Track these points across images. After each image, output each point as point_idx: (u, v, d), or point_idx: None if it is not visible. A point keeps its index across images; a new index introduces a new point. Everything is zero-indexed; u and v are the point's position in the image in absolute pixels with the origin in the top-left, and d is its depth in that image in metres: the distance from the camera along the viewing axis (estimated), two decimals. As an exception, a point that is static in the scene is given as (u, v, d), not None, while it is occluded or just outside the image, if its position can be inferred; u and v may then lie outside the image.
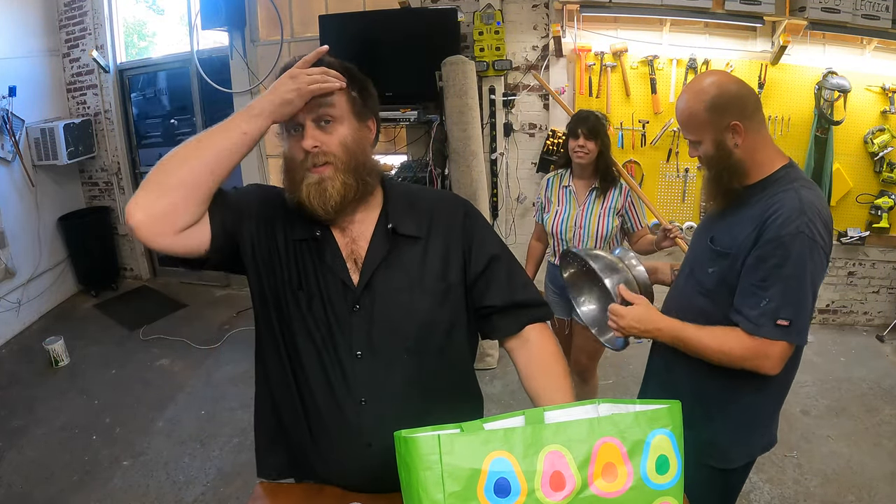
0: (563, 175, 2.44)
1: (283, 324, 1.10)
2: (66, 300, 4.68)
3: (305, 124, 1.03)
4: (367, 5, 3.96)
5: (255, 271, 1.11)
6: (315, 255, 1.08)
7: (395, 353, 1.07)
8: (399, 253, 1.10)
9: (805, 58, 3.44)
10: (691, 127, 1.32)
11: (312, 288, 1.08)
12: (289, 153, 1.06)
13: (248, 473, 2.60)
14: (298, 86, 0.99)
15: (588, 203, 2.36)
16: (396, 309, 1.08)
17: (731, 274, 1.29)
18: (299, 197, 1.03)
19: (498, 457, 0.81)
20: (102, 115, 4.64)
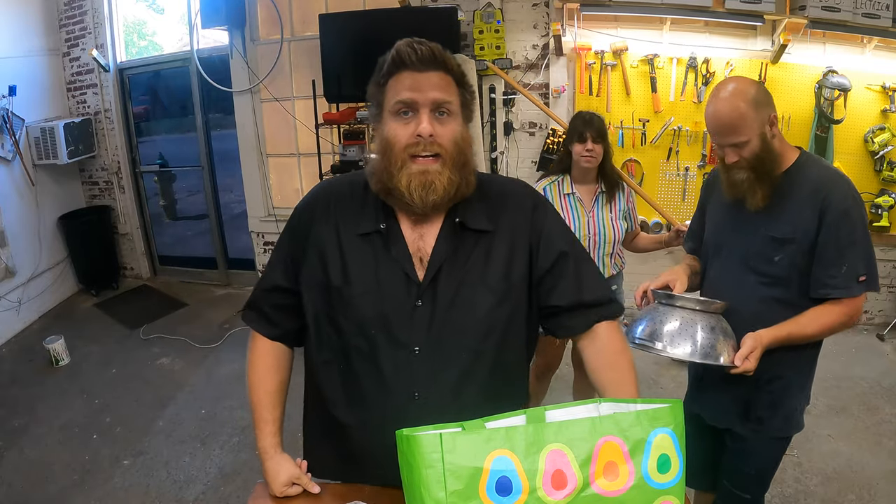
0: (560, 182, 2.28)
1: (335, 319, 1.09)
2: (66, 299, 4.67)
3: (421, 110, 0.98)
4: (367, 4, 3.96)
5: (309, 273, 1.11)
6: (380, 248, 1.06)
7: (452, 351, 1.05)
8: (465, 248, 1.07)
9: (805, 56, 3.44)
10: (742, 127, 1.34)
11: (372, 282, 1.06)
12: (391, 135, 0.99)
13: (248, 472, 2.60)
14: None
15: (597, 209, 2.26)
16: (459, 307, 1.05)
17: (799, 256, 1.39)
18: (396, 184, 1.00)
19: (499, 455, 0.81)
20: (102, 115, 4.64)
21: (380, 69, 1.02)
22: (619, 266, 2.33)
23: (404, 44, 0.99)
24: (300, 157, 4.40)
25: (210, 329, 4.07)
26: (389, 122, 1.00)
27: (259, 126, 4.34)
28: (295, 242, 1.13)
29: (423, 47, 0.98)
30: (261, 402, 1.20)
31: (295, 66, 4.17)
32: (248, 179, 4.48)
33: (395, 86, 1.00)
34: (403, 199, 1.01)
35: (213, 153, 4.76)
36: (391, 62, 1.00)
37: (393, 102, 0.99)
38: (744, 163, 1.38)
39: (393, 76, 1.00)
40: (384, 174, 1.01)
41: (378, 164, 1.03)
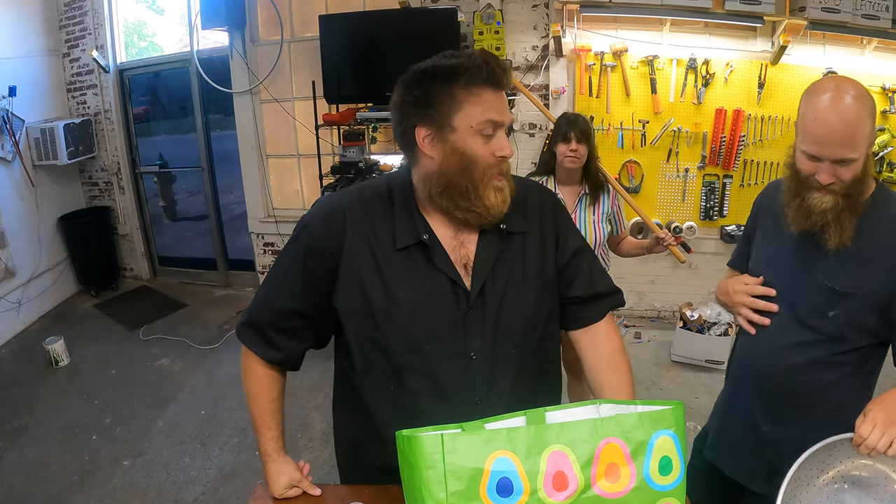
0: (544, 183, 2.26)
1: (384, 343, 1.06)
2: (66, 300, 4.67)
3: (501, 131, 1.00)
4: (367, 5, 3.96)
5: (345, 298, 1.07)
6: (422, 260, 1.05)
7: (505, 351, 1.07)
8: (505, 250, 1.09)
9: (805, 58, 3.44)
10: (858, 141, 1.09)
11: (420, 296, 1.04)
12: (476, 150, 0.99)
13: (248, 473, 2.60)
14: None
15: (579, 211, 2.25)
16: (507, 307, 1.07)
17: (861, 314, 1.14)
18: (479, 200, 1.01)
19: (501, 456, 0.81)
20: (102, 115, 4.64)
21: (451, 73, 0.98)
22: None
23: (488, 59, 0.98)
24: (300, 158, 4.40)
25: (210, 330, 4.07)
26: (471, 138, 0.99)
27: (259, 127, 4.34)
28: (317, 263, 1.05)
29: (501, 69, 0.98)
30: (263, 409, 1.15)
31: (295, 67, 4.17)
32: (248, 180, 4.48)
33: (476, 101, 0.98)
34: (483, 214, 1.02)
35: (212, 154, 4.76)
36: (472, 74, 0.97)
37: (480, 121, 0.98)
38: (838, 186, 1.11)
39: (471, 89, 0.97)
40: (463, 189, 1.00)
41: (452, 177, 1.00)
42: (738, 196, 3.72)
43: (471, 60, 0.97)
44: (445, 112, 0.98)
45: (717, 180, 3.70)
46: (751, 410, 1.36)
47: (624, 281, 3.95)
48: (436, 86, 0.98)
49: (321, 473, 2.56)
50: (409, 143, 1.03)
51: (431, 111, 0.99)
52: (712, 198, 3.74)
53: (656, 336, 3.82)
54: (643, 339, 3.80)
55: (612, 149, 3.70)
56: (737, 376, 1.43)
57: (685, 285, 3.94)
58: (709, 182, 3.71)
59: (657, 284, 3.97)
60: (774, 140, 3.58)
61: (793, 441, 1.24)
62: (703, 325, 3.42)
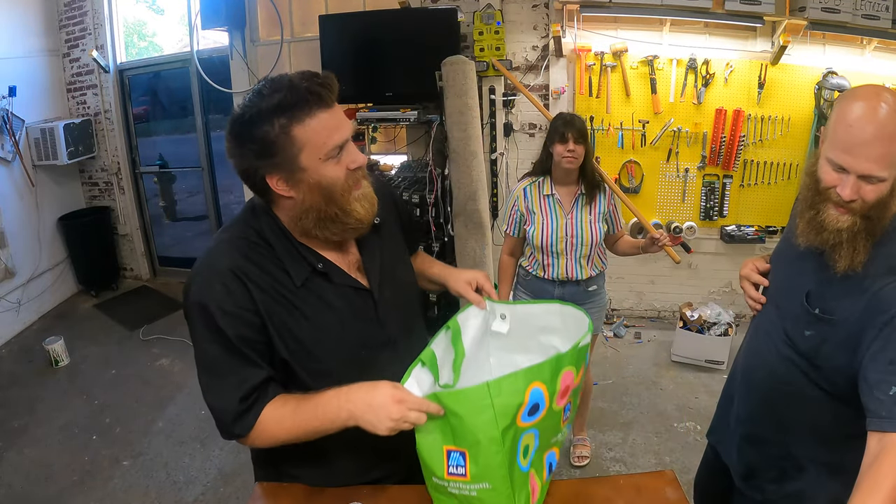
0: (541, 183, 2.28)
1: (319, 367, 1.09)
2: (66, 300, 4.68)
3: (349, 145, 1.02)
4: (367, 5, 3.96)
5: (283, 346, 1.07)
6: (324, 283, 1.08)
7: (411, 320, 1.24)
8: (381, 239, 1.19)
9: (805, 58, 3.44)
10: (893, 159, 0.97)
11: (337, 314, 1.09)
12: (331, 176, 1.00)
13: (247, 473, 2.60)
14: (392, 424, 0.96)
15: (576, 211, 2.25)
16: (399, 285, 1.21)
17: (834, 343, 1.06)
18: (351, 213, 1.04)
19: (535, 387, 0.97)
20: (102, 115, 4.65)
21: (277, 115, 0.94)
22: (598, 268, 2.33)
23: (309, 84, 0.95)
24: (300, 158, 4.40)
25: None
26: (323, 167, 0.99)
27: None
28: (246, 329, 1.02)
29: (324, 86, 0.97)
30: (302, 407, 1.05)
31: (295, 68, 4.17)
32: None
33: (314, 131, 0.96)
34: (357, 226, 1.06)
35: (212, 154, 4.76)
36: (301, 107, 0.95)
37: (327, 149, 0.98)
38: (859, 205, 1.01)
39: (304, 122, 0.95)
40: (332, 215, 1.03)
41: (318, 209, 1.02)
42: (737, 196, 3.73)
43: (293, 92, 0.94)
44: (290, 155, 0.97)
45: (717, 180, 3.70)
46: (740, 404, 1.37)
47: (624, 281, 3.97)
48: (270, 132, 0.95)
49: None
50: (263, 190, 1.03)
51: (276, 159, 0.97)
52: (712, 198, 3.74)
53: (656, 336, 3.83)
54: (643, 339, 3.80)
55: (612, 149, 3.70)
56: (735, 365, 1.45)
57: (685, 285, 3.94)
58: (709, 182, 3.71)
59: (657, 284, 3.97)
60: (774, 140, 3.58)
61: (772, 446, 1.25)
62: (703, 325, 3.43)
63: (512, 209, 2.33)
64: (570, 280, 2.28)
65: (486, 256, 3.40)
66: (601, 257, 2.33)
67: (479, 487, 0.97)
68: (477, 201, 3.34)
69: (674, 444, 2.76)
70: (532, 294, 2.39)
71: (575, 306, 1.20)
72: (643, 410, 3.02)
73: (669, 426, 2.88)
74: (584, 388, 2.61)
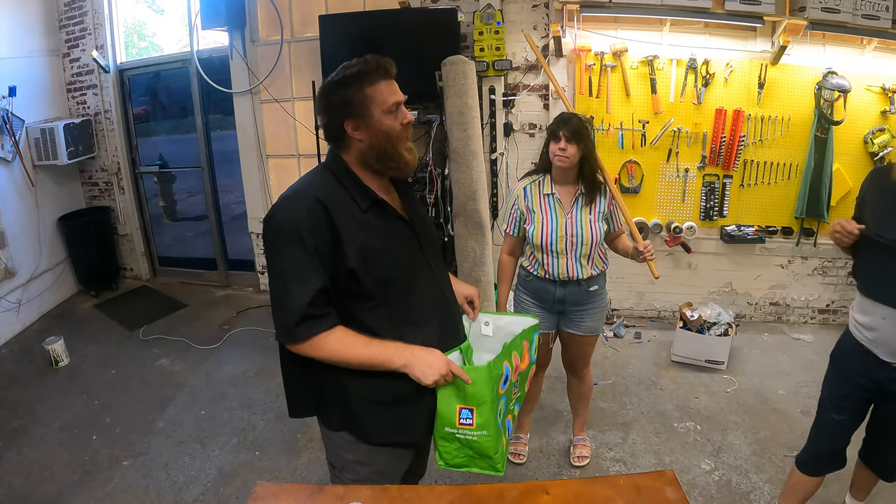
0: (541, 182, 2.27)
1: (383, 273, 1.37)
2: (66, 300, 4.68)
3: (402, 106, 1.36)
4: (367, 5, 3.96)
5: (358, 257, 1.33)
6: (381, 211, 1.40)
7: (440, 255, 1.58)
8: (411, 191, 1.57)
9: (805, 58, 3.45)
10: None
11: (393, 235, 1.41)
12: (391, 127, 1.35)
13: (247, 473, 2.60)
14: (437, 377, 1.34)
15: (575, 210, 2.23)
16: (429, 228, 1.59)
17: None
18: (400, 159, 1.38)
19: (505, 364, 1.49)
20: (102, 115, 4.65)
21: (361, 75, 1.32)
22: (599, 267, 2.32)
23: (379, 60, 1.35)
24: (300, 158, 4.40)
25: (210, 330, 4.07)
26: (384, 118, 1.34)
27: (259, 127, 4.34)
28: (320, 244, 1.29)
29: (389, 64, 1.37)
30: (373, 343, 1.35)
31: (295, 67, 4.17)
32: (248, 180, 4.48)
33: (380, 92, 1.34)
34: (404, 168, 1.40)
35: (212, 154, 4.76)
36: (373, 75, 1.33)
37: (389, 104, 1.34)
38: None
39: (376, 85, 1.33)
40: (390, 153, 1.37)
41: (386, 151, 1.36)
42: (737, 196, 3.73)
43: (368, 65, 1.33)
44: (363, 105, 1.33)
45: (717, 180, 3.70)
46: None
47: (624, 281, 3.98)
48: (350, 90, 1.32)
49: (320, 473, 2.56)
50: (340, 135, 1.37)
51: (352, 108, 1.33)
52: (712, 198, 3.74)
53: (656, 336, 3.83)
54: (643, 339, 3.80)
55: (612, 149, 3.70)
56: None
57: (685, 285, 3.95)
58: (709, 182, 3.71)
59: (657, 284, 3.96)
60: (774, 140, 3.58)
61: None
62: (703, 326, 3.43)
63: (512, 208, 2.32)
64: (571, 280, 2.28)
65: (486, 256, 3.40)
66: (602, 257, 2.33)
67: (480, 434, 1.38)
68: (477, 201, 3.34)
69: (674, 444, 2.76)
70: (532, 294, 2.38)
71: (532, 316, 1.73)
72: (643, 410, 3.02)
73: (669, 426, 2.88)
74: (585, 389, 2.62)
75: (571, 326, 2.39)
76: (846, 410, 1.90)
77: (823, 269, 3.86)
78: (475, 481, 1.44)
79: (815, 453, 2.03)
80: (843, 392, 1.90)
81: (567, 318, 2.39)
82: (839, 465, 2.02)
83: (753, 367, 3.43)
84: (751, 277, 3.94)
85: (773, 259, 3.87)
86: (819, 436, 2.02)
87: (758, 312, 4.02)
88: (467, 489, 1.23)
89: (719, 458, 2.65)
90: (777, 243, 3.81)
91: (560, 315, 2.39)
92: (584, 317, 2.36)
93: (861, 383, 1.83)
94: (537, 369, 2.56)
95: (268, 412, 2.99)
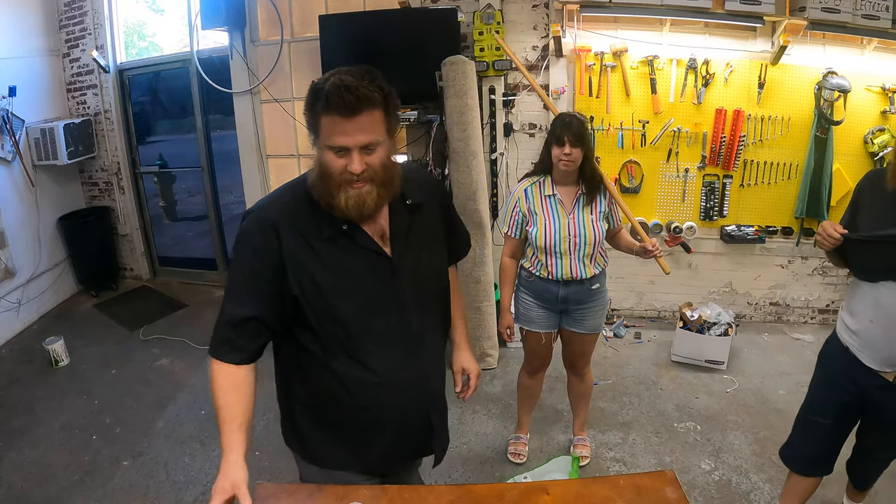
0: (541, 183, 2.27)
1: (333, 314, 1.24)
2: (66, 300, 4.68)
3: (352, 151, 1.14)
4: (367, 5, 3.96)
5: (299, 286, 1.23)
6: (348, 241, 1.24)
7: (427, 298, 1.36)
8: (413, 219, 1.33)
9: (805, 58, 3.45)
10: None
11: (355, 268, 1.25)
12: (328, 165, 1.16)
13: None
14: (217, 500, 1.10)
15: (577, 210, 2.24)
16: (423, 266, 1.34)
17: None
18: (336, 203, 1.17)
19: None
20: (102, 115, 4.65)
21: (314, 98, 1.14)
22: (601, 266, 2.33)
23: (335, 89, 1.10)
24: (300, 159, 4.40)
25: (210, 330, 4.03)
26: (326, 153, 1.16)
27: (259, 127, 4.34)
28: (263, 267, 1.21)
29: (351, 97, 1.10)
30: (227, 401, 1.21)
31: (295, 68, 4.17)
32: (248, 180, 4.48)
33: (328, 126, 1.13)
34: (343, 214, 1.19)
35: (212, 154, 4.76)
36: (324, 104, 1.12)
37: (329, 143, 1.14)
38: None
39: (325, 115, 1.13)
40: (325, 193, 1.18)
41: (318, 183, 1.19)
42: (738, 196, 3.73)
43: (330, 92, 1.11)
44: (314, 128, 1.17)
45: (717, 180, 3.70)
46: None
47: (624, 281, 3.98)
48: (310, 107, 1.16)
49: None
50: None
51: (309, 124, 1.19)
52: (712, 198, 3.74)
53: (656, 336, 3.83)
54: (643, 339, 3.80)
55: (612, 149, 3.70)
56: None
57: (685, 285, 3.95)
58: (709, 182, 3.71)
59: (657, 284, 3.97)
60: (774, 140, 3.58)
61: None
62: (703, 325, 3.43)
63: (513, 210, 2.31)
64: (574, 279, 2.28)
65: (486, 256, 3.40)
66: (603, 255, 2.34)
67: None
68: (477, 201, 3.34)
69: (674, 444, 2.76)
70: (535, 295, 2.38)
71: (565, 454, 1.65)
72: (643, 410, 3.02)
73: (669, 426, 2.88)
74: (585, 388, 2.62)
75: (573, 325, 2.39)
76: (831, 415, 1.85)
77: (823, 269, 3.86)
78: (475, 481, 1.44)
79: (795, 450, 2.01)
80: (828, 394, 1.86)
81: (569, 317, 2.39)
82: (822, 469, 1.97)
83: (753, 367, 3.43)
84: (751, 277, 3.94)
85: (773, 259, 3.87)
86: (797, 434, 2.01)
87: (758, 312, 4.02)
88: (467, 489, 1.23)
89: (719, 458, 2.65)
90: (777, 243, 3.81)
91: (562, 314, 2.40)
92: (586, 315, 2.36)
93: (845, 387, 1.78)
94: (537, 370, 2.57)
95: (267, 412, 2.98)
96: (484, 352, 3.44)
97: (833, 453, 1.94)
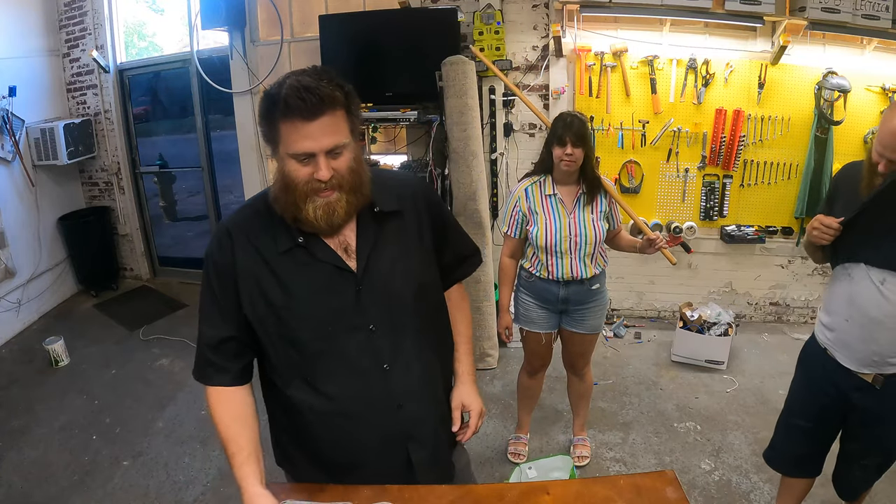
0: (542, 183, 2.27)
1: (290, 335, 1.16)
2: (66, 300, 4.68)
3: (318, 156, 1.06)
4: (367, 5, 3.96)
5: (250, 305, 1.17)
6: (306, 255, 1.15)
7: (403, 319, 1.20)
8: (383, 228, 1.20)
9: (805, 58, 3.44)
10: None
11: (312, 285, 1.15)
12: (291, 174, 1.07)
13: (248, 473, 2.60)
14: None
15: (578, 210, 2.24)
16: (396, 279, 1.19)
17: None
18: (304, 215, 1.09)
19: None
20: (102, 115, 4.65)
21: (271, 104, 1.04)
22: (601, 266, 2.33)
23: (293, 92, 1.01)
24: (300, 158, 4.40)
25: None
26: (289, 162, 1.07)
27: (259, 127, 4.34)
28: (223, 284, 1.17)
29: (312, 97, 1.01)
30: (230, 433, 1.17)
31: (295, 68, 4.15)
32: (248, 180, 4.48)
33: (289, 133, 1.04)
34: (312, 225, 1.11)
35: (212, 154, 4.76)
36: (283, 109, 1.02)
37: (293, 151, 1.05)
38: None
39: (284, 122, 1.04)
40: (290, 206, 1.10)
41: (282, 196, 1.10)
42: (738, 196, 3.73)
43: (288, 97, 1.02)
44: (272, 138, 1.08)
45: (717, 180, 3.70)
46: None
47: (624, 281, 3.97)
48: (267, 116, 1.06)
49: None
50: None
51: (269, 142, 1.10)
52: (712, 198, 3.74)
53: (656, 336, 3.83)
54: (643, 339, 3.80)
55: (612, 149, 3.70)
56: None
57: (685, 285, 3.94)
58: (709, 182, 3.71)
59: (657, 284, 3.97)
60: (774, 140, 3.58)
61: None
62: (703, 325, 3.43)
63: (513, 210, 2.31)
64: (575, 279, 2.28)
65: (486, 256, 3.40)
66: (603, 255, 2.34)
67: None
68: (477, 201, 3.34)
69: (674, 444, 2.76)
70: (535, 295, 2.38)
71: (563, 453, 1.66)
72: (643, 410, 3.02)
73: (669, 426, 2.88)
74: (585, 387, 2.62)
75: (574, 325, 2.39)
76: (812, 417, 1.84)
77: (823, 269, 3.86)
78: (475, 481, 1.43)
79: (777, 452, 2.00)
80: (808, 397, 1.84)
81: (569, 317, 2.39)
82: (808, 470, 1.96)
83: (753, 367, 3.43)
84: (751, 277, 3.94)
85: (773, 259, 3.87)
86: (779, 436, 2.00)
87: (758, 312, 4.02)
88: (468, 489, 1.23)
89: (719, 458, 2.65)
90: (777, 243, 3.81)
91: (562, 314, 2.40)
92: (586, 315, 2.36)
93: (825, 389, 1.76)
94: (537, 369, 2.57)
95: (266, 412, 2.99)
96: (484, 352, 3.44)
97: (818, 455, 1.92)
